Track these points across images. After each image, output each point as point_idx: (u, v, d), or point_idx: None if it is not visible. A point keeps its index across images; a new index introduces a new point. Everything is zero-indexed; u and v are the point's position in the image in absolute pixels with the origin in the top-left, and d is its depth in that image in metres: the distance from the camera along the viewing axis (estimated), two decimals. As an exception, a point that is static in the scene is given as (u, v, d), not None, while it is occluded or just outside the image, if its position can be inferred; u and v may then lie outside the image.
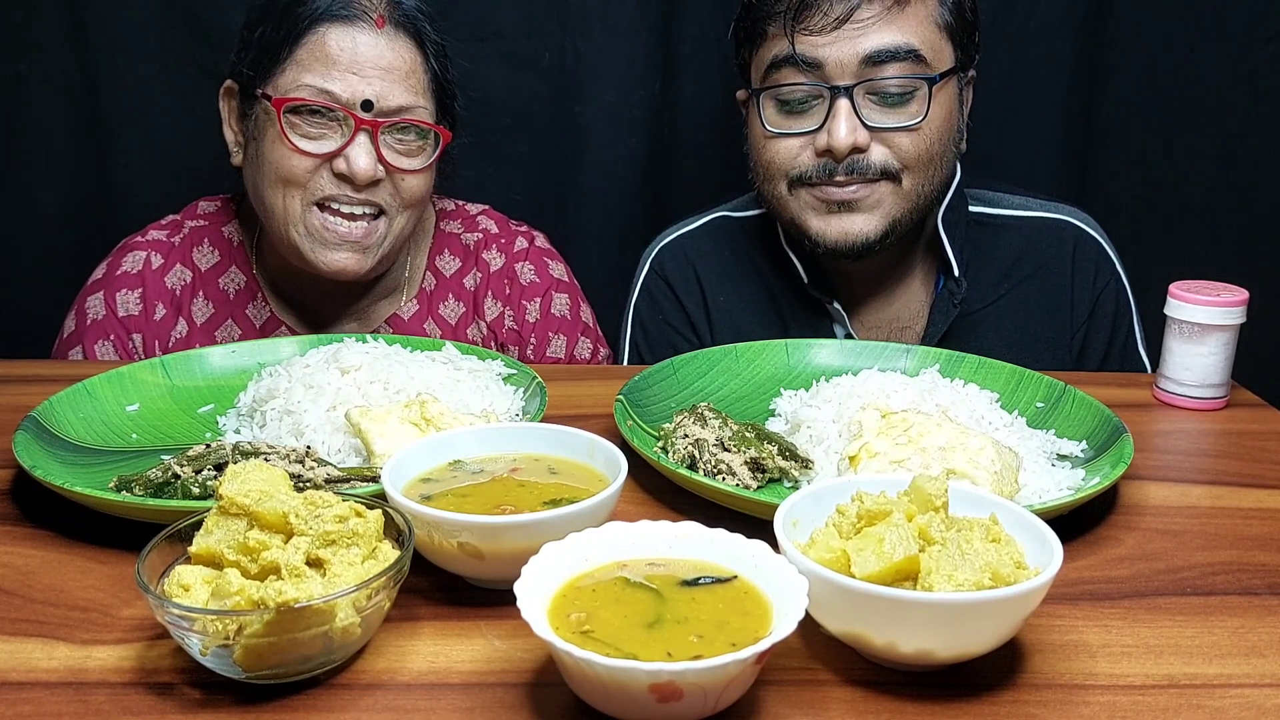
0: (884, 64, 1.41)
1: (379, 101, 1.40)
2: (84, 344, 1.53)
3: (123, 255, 1.57)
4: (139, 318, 1.54)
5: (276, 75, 1.41)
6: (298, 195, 1.42)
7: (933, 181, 1.49)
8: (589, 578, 0.78)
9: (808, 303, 1.61)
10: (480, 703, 0.75)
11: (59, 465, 1.04)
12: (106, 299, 1.54)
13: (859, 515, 0.81)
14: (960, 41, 1.48)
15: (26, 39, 1.85)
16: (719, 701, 0.70)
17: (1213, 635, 0.85)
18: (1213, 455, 1.23)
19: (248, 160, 1.49)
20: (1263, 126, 1.96)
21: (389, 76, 1.41)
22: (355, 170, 1.40)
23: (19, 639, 0.82)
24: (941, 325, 1.55)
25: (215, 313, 1.56)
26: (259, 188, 1.46)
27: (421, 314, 1.61)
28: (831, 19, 1.40)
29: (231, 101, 1.51)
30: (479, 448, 0.99)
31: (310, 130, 1.41)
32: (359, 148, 1.40)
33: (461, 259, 1.64)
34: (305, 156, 1.40)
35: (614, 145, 1.96)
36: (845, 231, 1.48)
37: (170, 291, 1.55)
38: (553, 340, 1.63)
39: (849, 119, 1.42)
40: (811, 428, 1.17)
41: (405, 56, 1.43)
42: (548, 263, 1.66)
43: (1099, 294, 1.60)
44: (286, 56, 1.41)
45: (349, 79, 1.39)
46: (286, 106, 1.39)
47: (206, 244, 1.59)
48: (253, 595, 0.72)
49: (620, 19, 1.90)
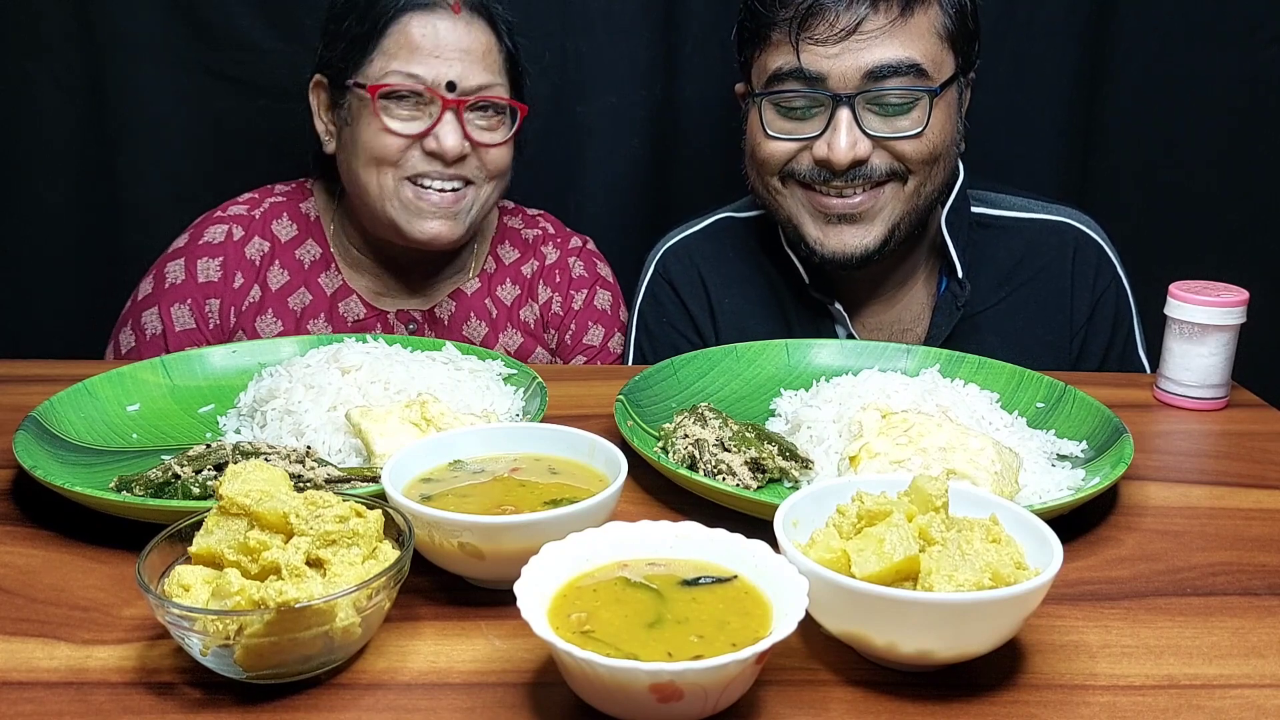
0: (886, 78, 1.40)
1: (461, 81, 1.50)
2: (160, 306, 1.60)
3: (205, 227, 1.66)
4: (218, 284, 1.62)
5: (366, 65, 1.51)
6: (391, 173, 1.53)
7: (935, 181, 1.49)
8: (589, 578, 0.78)
9: (811, 304, 1.61)
10: (480, 703, 0.75)
11: (59, 465, 1.04)
12: (188, 265, 1.62)
13: (859, 515, 0.81)
14: (961, 49, 1.48)
15: (32, 39, 1.85)
16: (719, 701, 0.70)
17: (1213, 636, 0.85)
18: (1213, 456, 1.23)
19: (341, 146, 1.59)
20: (1264, 128, 1.96)
21: (468, 57, 1.51)
22: (445, 147, 1.50)
23: (20, 639, 0.82)
24: (945, 327, 1.55)
25: (290, 280, 1.65)
26: (354, 169, 1.56)
27: (482, 292, 1.71)
28: (837, 30, 1.39)
29: (321, 94, 1.61)
30: (479, 448, 0.99)
31: (401, 112, 1.51)
32: (446, 126, 1.50)
33: (520, 250, 1.76)
34: (398, 137, 1.51)
35: (615, 146, 1.96)
36: (844, 244, 1.48)
37: (249, 261, 1.64)
38: (591, 329, 1.73)
39: (850, 130, 1.41)
40: (812, 428, 1.17)
41: (481, 38, 1.54)
42: (597, 263, 1.79)
43: (1099, 297, 1.60)
44: (374, 47, 1.51)
45: (432, 63, 1.49)
46: (381, 92, 1.49)
47: (285, 218, 1.68)
48: (253, 595, 0.72)
49: (622, 19, 1.91)
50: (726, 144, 1.97)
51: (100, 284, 1.91)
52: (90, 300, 1.92)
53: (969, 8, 1.47)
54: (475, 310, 1.69)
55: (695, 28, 1.92)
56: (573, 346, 1.72)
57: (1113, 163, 1.99)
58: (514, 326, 1.70)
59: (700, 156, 1.99)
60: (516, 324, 1.71)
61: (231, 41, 1.87)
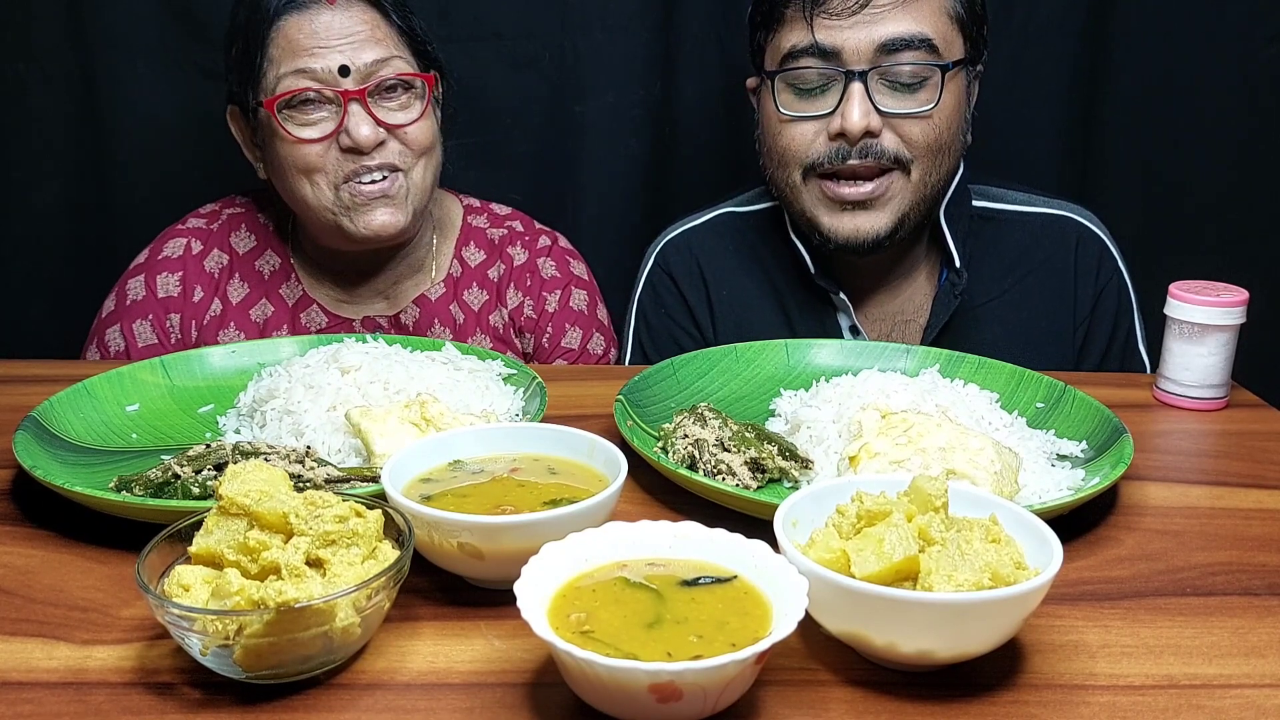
0: (898, 51, 1.42)
1: (353, 63, 1.47)
2: (122, 323, 1.61)
3: (164, 242, 1.66)
4: (178, 299, 1.62)
5: (261, 81, 1.49)
6: (322, 181, 1.50)
7: (940, 171, 1.50)
8: (589, 578, 0.78)
9: (813, 294, 1.61)
10: (480, 703, 0.75)
11: (59, 465, 1.04)
12: (147, 281, 1.63)
13: (859, 515, 0.81)
14: (970, 34, 1.49)
15: (25, 39, 1.85)
16: (719, 701, 0.70)
17: (1212, 636, 0.85)
18: (1213, 455, 1.23)
19: (270, 169, 1.57)
20: (1264, 126, 1.95)
21: (354, 40, 1.48)
22: (358, 139, 1.46)
23: (19, 639, 0.82)
24: (943, 316, 1.55)
25: (250, 292, 1.64)
26: (287, 187, 1.54)
27: (448, 297, 1.68)
28: (851, 3, 1.41)
29: (239, 124, 1.59)
30: (479, 448, 0.99)
31: (308, 119, 1.48)
32: (355, 118, 1.47)
33: (486, 252, 1.71)
34: (311, 144, 1.48)
35: (614, 144, 1.96)
36: (857, 229, 1.50)
37: (209, 275, 1.64)
38: (568, 332, 1.69)
39: (863, 102, 1.43)
40: (811, 428, 1.17)
41: (364, 18, 1.50)
42: (569, 261, 1.73)
43: (1101, 290, 1.60)
44: (261, 60, 1.49)
45: (318, 54, 1.46)
46: (278, 104, 1.47)
47: (244, 229, 1.67)
48: (253, 595, 0.72)
49: (620, 18, 1.90)
50: (726, 142, 1.97)
51: (92, 284, 1.89)
52: (81, 300, 1.90)
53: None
54: (440, 316, 1.66)
55: (694, 26, 1.92)
56: (550, 350, 1.68)
57: (1111, 160, 1.99)
58: (483, 332, 1.67)
59: (699, 155, 1.99)
60: (486, 329, 1.67)
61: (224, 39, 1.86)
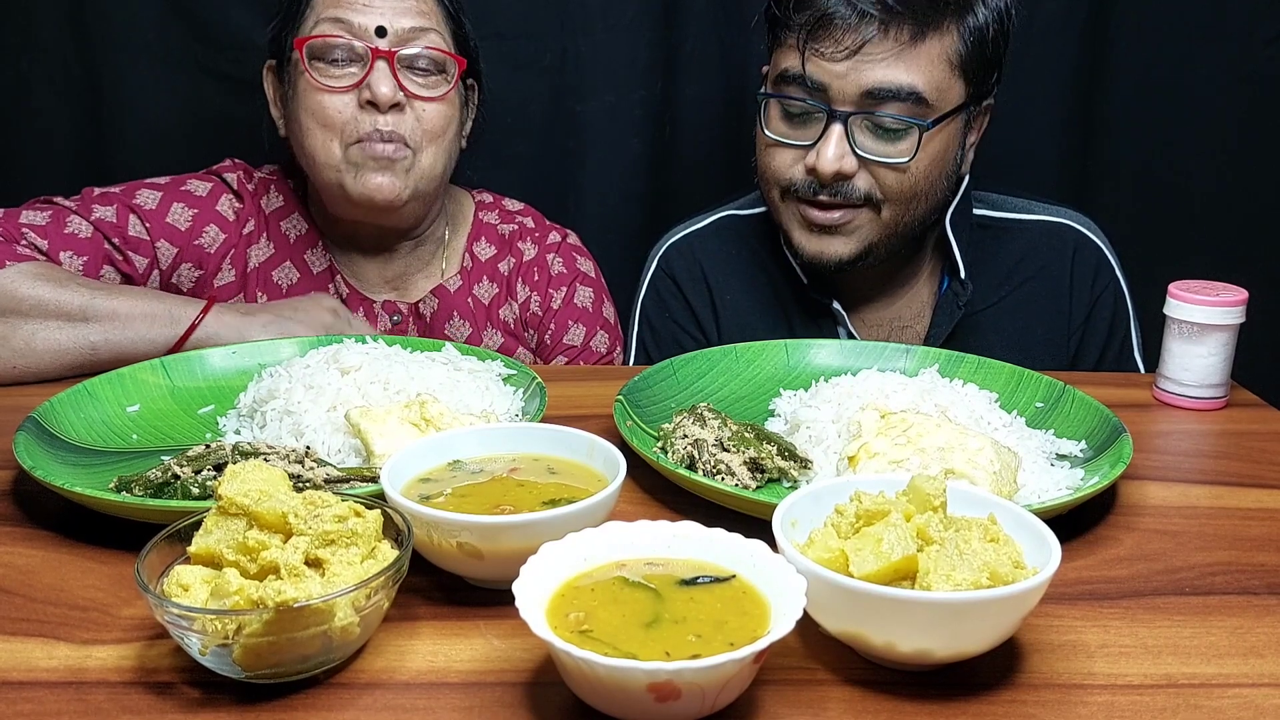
0: (884, 101, 1.42)
1: (391, 26, 1.48)
2: (118, 205, 1.52)
3: (203, 178, 1.63)
4: (184, 233, 1.56)
5: (300, 23, 1.51)
6: (335, 138, 1.50)
7: (915, 213, 1.51)
8: (587, 577, 0.79)
9: (811, 303, 1.61)
10: (479, 702, 0.75)
11: (59, 466, 1.04)
12: (164, 199, 1.56)
13: (857, 515, 0.81)
14: (975, 77, 1.47)
15: (27, 38, 1.85)
16: (717, 701, 0.70)
17: (1211, 635, 0.85)
18: (1212, 455, 1.23)
19: (290, 121, 1.57)
20: (1263, 127, 1.96)
21: (398, 6, 1.50)
22: (378, 95, 1.46)
23: (19, 639, 0.82)
24: (946, 326, 1.56)
25: (274, 254, 1.63)
26: (301, 142, 1.54)
27: (464, 289, 1.69)
28: (843, 47, 1.41)
29: (272, 80, 1.60)
30: (478, 448, 0.99)
31: (334, 70, 1.49)
32: (379, 74, 1.47)
33: (497, 247, 1.72)
34: (333, 93, 1.48)
35: (615, 145, 1.96)
36: (822, 251, 1.52)
37: (236, 226, 1.60)
38: (572, 328, 1.69)
39: (839, 144, 1.43)
40: (811, 428, 1.17)
41: None
42: (577, 258, 1.74)
43: (1097, 298, 1.61)
44: (305, 6, 1.51)
45: (360, 10, 1.48)
46: (309, 46, 1.49)
47: (273, 190, 1.67)
48: (252, 595, 0.73)
49: (621, 18, 1.91)
50: (726, 143, 1.97)
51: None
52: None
53: (991, 34, 1.45)
54: (459, 309, 1.66)
55: (695, 26, 1.92)
56: (552, 347, 1.68)
57: (1111, 160, 1.99)
58: (494, 326, 1.68)
59: (700, 155, 2.00)
60: (497, 323, 1.68)
61: (228, 40, 1.87)
